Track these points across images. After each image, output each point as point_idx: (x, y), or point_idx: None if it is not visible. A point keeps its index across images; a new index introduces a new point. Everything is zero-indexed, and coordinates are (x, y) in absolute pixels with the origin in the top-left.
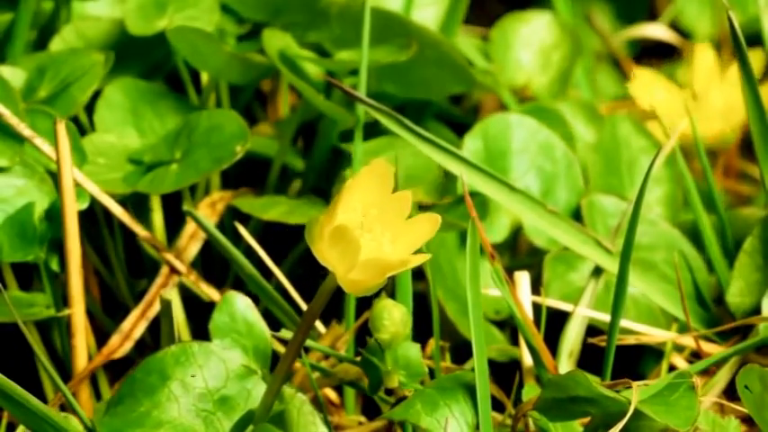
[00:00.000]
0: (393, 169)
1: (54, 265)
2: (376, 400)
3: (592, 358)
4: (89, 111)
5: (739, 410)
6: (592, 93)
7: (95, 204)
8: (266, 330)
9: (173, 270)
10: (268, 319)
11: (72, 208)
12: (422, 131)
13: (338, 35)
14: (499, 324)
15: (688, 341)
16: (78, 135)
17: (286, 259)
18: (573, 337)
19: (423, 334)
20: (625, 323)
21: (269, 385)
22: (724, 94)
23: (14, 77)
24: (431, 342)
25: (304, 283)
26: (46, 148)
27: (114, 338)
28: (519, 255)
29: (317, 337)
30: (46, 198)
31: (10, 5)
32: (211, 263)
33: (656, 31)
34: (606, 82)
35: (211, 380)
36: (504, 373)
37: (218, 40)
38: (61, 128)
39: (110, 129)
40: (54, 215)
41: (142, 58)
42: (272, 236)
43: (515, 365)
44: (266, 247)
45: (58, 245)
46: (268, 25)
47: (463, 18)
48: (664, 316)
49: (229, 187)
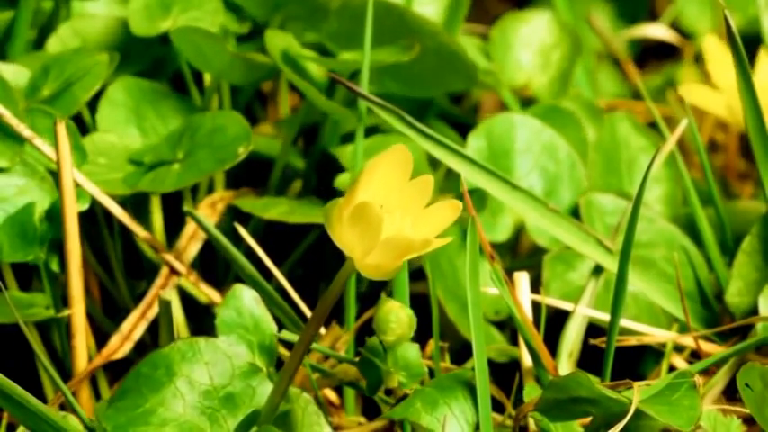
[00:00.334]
0: (412, 156)
1: (54, 266)
2: (376, 400)
3: (591, 358)
4: (93, 109)
5: (739, 411)
6: (593, 92)
7: (95, 205)
8: (273, 325)
9: (172, 271)
10: None
11: (72, 209)
12: (425, 129)
13: (337, 30)
14: (499, 324)
15: (688, 341)
16: (79, 134)
17: (286, 260)
18: (573, 337)
19: (422, 334)
20: (625, 322)
21: (276, 385)
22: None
23: (18, 76)
24: (430, 342)
25: (304, 283)
26: (46, 149)
27: (114, 339)
28: (520, 255)
29: (317, 337)
30: (47, 198)
31: (10, 4)
32: (211, 263)
33: (657, 31)
34: (607, 82)
35: (217, 377)
36: (504, 374)
37: (222, 41)
38: (61, 128)
39: (112, 128)
40: (54, 215)
41: (141, 57)
42: (272, 237)
43: (515, 365)
44: (266, 247)
45: (58, 245)
46: (268, 22)
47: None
48: (664, 313)
49: (229, 187)
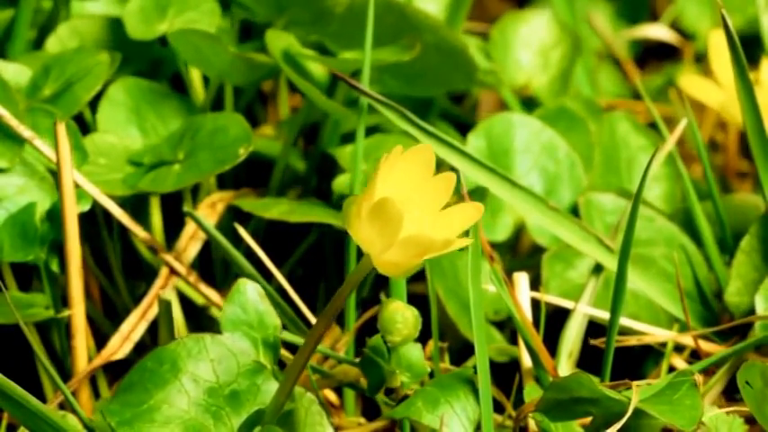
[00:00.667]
0: (434, 156)
1: (54, 266)
2: (376, 400)
3: (591, 358)
4: (94, 109)
5: (739, 410)
6: (593, 92)
7: (95, 206)
8: (277, 320)
9: (172, 271)
10: None
11: (72, 210)
12: (427, 126)
13: (338, 29)
14: (498, 324)
15: (688, 340)
16: (80, 134)
17: (286, 260)
18: (572, 337)
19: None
20: (625, 321)
21: (281, 384)
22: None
23: (20, 75)
24: (430, 343)
25: (304, 284)
26: (46, 149)
27: (114, 340)
28: (520, 255)
29: None
30: (47, 198)
31: (10, 3)
32: (211, 264)
33: (657, 31)
34: (607, 82)
35: (222, 374)
36: (503, 373)
37: (222, 41)
38: (61, 129)
39: (112, 128)
40: (55, 216)
41: (140, 57)
42: (272, 237)
43: (514, 365)
44: (266, 248)
45: (58, 246)
46: (270, 23)
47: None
48: (664, 311)
49: (230, 188)
